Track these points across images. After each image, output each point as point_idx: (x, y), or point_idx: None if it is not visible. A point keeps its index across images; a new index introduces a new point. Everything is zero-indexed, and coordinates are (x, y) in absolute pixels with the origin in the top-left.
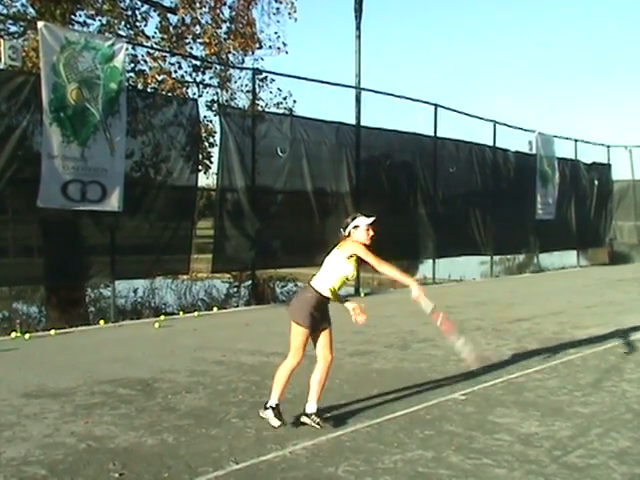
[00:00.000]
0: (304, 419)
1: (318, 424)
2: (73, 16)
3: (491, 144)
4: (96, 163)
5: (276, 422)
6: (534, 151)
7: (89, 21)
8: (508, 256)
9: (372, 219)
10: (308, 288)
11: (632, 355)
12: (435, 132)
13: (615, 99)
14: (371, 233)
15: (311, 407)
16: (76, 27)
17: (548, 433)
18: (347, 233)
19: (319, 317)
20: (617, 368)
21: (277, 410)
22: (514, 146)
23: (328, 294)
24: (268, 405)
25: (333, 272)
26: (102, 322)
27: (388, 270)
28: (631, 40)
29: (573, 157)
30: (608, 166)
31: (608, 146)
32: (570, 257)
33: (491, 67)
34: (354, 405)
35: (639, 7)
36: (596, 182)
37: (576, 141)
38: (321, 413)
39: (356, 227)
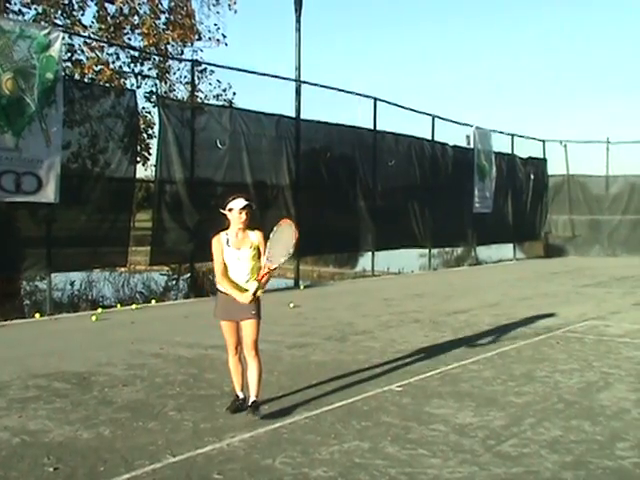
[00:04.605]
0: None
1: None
2: (8, 4)
3: (430, 138)
4: (31, 154)
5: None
6: (472, 145)
7: (24, 9)
8: (446, 249)
9: (243, 203)
10: None
11: (565, 346)
12: (374, 125)
13: (551, 94)
14: (243, 217)
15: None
16: (11, 15)
17: (482, 423)
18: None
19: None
20: (550, 359)
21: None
22: (452, 140)
23: None
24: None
25: None
26: (38, 315)
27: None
28: (567, 36)
29: (510, 151)
30: (544, 161)
31: (543, 141)
32: (507, 250)
33: (430, 61)
34: (292, 397)
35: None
36: (532, 176)
37: (512, 136)
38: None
39: (230, 210)
